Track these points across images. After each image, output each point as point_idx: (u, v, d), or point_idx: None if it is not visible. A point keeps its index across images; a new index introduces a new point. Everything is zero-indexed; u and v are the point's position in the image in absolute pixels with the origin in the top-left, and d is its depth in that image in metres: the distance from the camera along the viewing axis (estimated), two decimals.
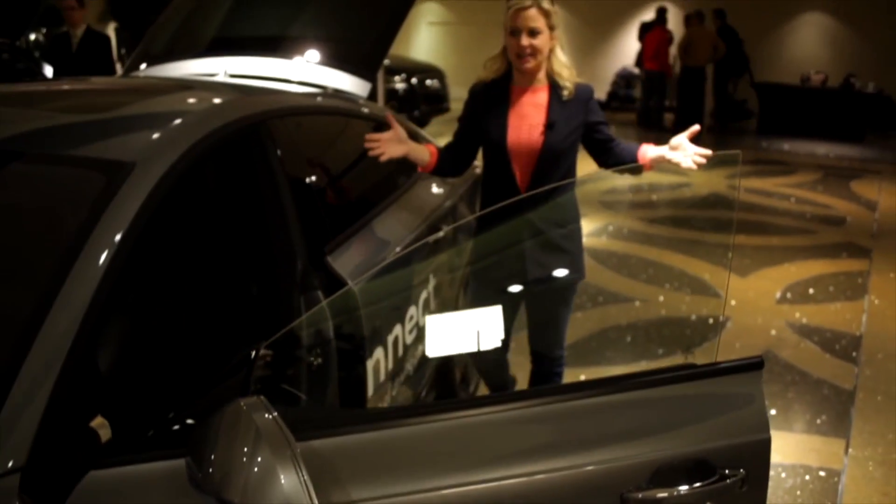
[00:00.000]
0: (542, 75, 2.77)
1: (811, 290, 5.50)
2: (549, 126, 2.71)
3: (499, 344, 2.04)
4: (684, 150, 2.50)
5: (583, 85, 2.80)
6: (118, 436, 1.47)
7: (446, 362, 2.96)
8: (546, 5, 2.69)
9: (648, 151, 2.67)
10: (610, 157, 2.79)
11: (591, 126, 2.79)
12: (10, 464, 1.23)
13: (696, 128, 2.52)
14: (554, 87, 2.75)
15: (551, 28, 2.72)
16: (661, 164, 2.65)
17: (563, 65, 2.76)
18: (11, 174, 1.91)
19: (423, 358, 2.67)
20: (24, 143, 1.93)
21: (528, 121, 2.74)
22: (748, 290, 5.43)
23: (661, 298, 5.23)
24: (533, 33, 2.66)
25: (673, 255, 6.09)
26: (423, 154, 2.72)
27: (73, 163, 1.83)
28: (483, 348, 1.79)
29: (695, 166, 2.46)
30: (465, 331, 1.75)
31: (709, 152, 2.45)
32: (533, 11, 2.66)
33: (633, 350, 4.45)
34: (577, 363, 4.19)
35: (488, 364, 2.99)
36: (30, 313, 1.44)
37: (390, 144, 2.51)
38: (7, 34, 9.76)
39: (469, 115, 2.85)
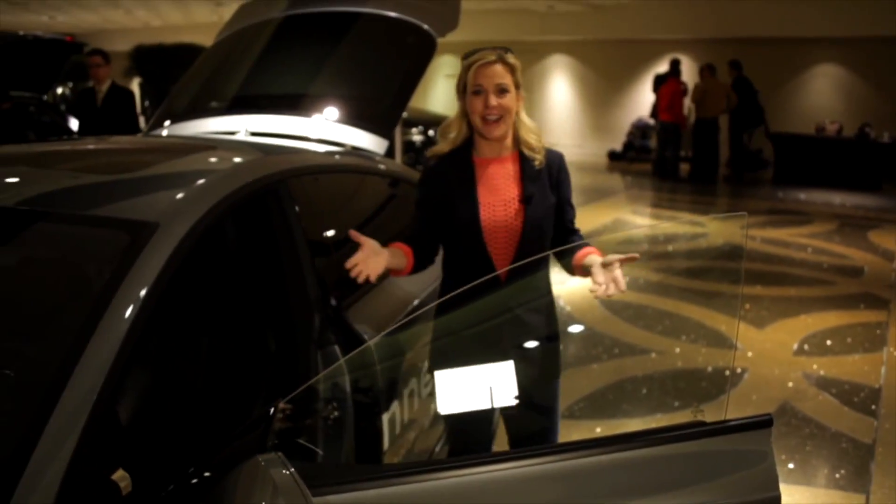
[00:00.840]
0: (509, 142, 2.42)
1: (829, 342, 5.48)
2: (526, 200, 2.38)
3: (514, 401, 1.99)
4: (610, 274, 2.09)
5: (552, 151, 2.48)
6: (139, 489, 1.50)
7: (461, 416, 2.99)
8: (512, 60, 2.36)
9: (586, 259, 2.29)
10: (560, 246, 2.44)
11: (559, 202, 2.45)
12: None
13: (635, 256, 2.13)
14: (522, 155, 2.42)
15: (517, 86, 2.38)
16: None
17: (531, 129, 2.44)
18: (39, 233, 1.98)
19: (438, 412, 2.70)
20: (51, 202, 2.00)
21: (500, 196, 2.39)
22: (765, 342, 5.41)
23: (677, 350, 5.23)
24: (501, 92, 2.32)
25: (689, 306, 6.09)
26: (400, 258, 2.32)
27: (99, 223, 1.90)
28: (496, 404, 1.78)
29: (611, 293, 2.06)
30: (476, 386, 1.74)
31: (623, 287, 2.07)
32: (499, 67, 2.33)
33: (649, 403, 4.44)
34: (593, 416, 4.19)
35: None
36: (57, 367, 1.50)
37: (369, 262, 2.11)
38: (35, 88, 10.01)
39: (429, 196, 2.44)
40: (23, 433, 1.39)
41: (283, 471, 1.18)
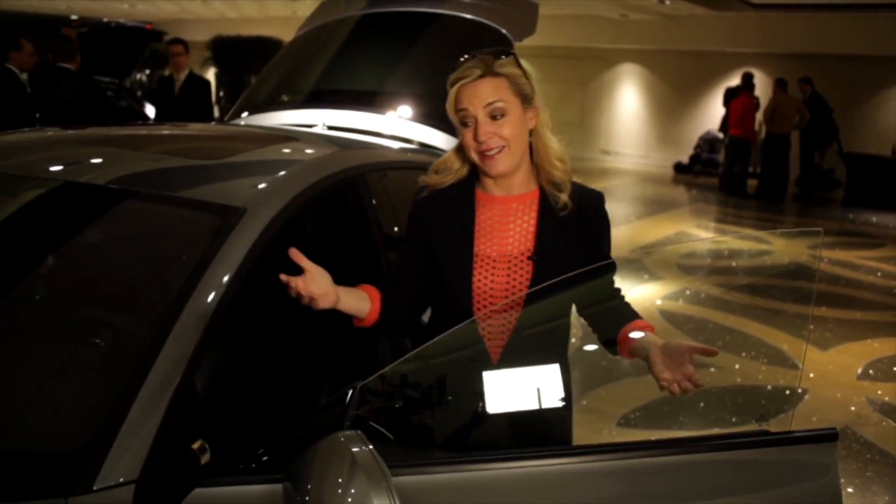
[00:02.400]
0: (523, 175, 1.85)
1: (895, 368, 5.36)
2: (539, 257, 1.81)
3: (560, 402, 1.71)
4: (680, 368, 1.51)
5: (587, 190, 1.89)
6: (217, 459, 1.58)
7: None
8: (507, 68, 1.78)
9: (637, 337, 1.74)
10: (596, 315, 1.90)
11: (589, 261, 1.79)
12: (127, 477, 1.35)
13: (713, 350, 1.55)
14: (543, 193, 1.85)
15: (525, 99, 1.80)
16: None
17: (554, 156, 1.84)
18: (129, 211, 2.07)
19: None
20: (141, 182, 2.09)
21: (505, 249, 1.82)
22: (828, 364, 5.32)
23: (737, 366, 5.17)
24: (495, 115, 1.75)
25: (751, 323, 6.02)
26: (361, 302, 1.81)
27: (189, 205, 1.98)
28: (544, 405, 1.62)
29: (677, 393, 1.51)
30: (524, 387, 1.62)
31: (700, 384, 1.51)
32: (488, 83, 1.75)
33: (707, 416, 4.41)
34: (649, 425, 4.18)
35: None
36: (148, 342, 1.58)
37: (311, 284, 1.67)
38: (115, 74, 10.33)
39: (418, 238, 1.91)
40: (115, 400, 1.47)
41: (363, 447, 1.24)
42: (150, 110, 9.51)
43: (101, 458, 1.36)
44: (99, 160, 2.27)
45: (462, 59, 1.79)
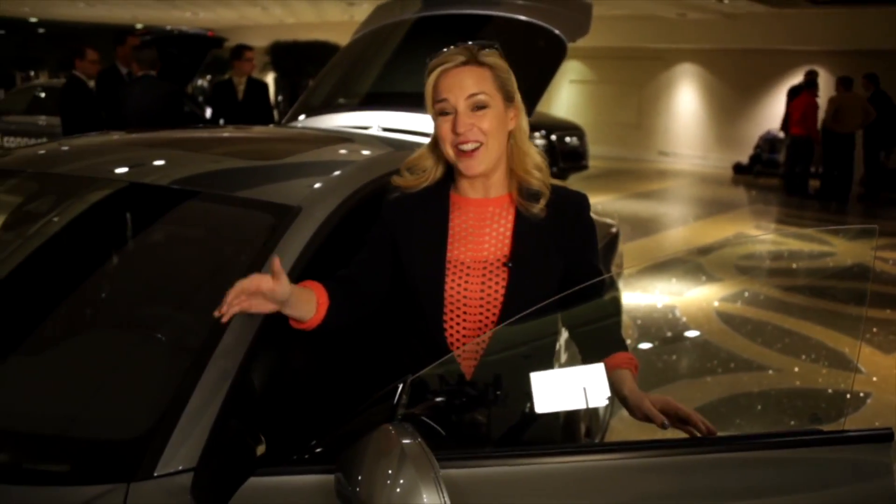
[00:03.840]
0: (500, 177, 1.74)
1: None
2: (515, 263, 1.70)
3: (605, 402, 1.59)
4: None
5: (568, 192, 1.78)
6: (272, 450, 1.63)
7: (573, 414, 3.02)
8: (490, 58, 1.68)
9: (617, 377, 1.63)
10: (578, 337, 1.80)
11: (571, 270, 1.73)
12: (186, 465, 1.41)
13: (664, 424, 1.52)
14: (522, 196, 1.74)
15: (507, 96, 1.70)
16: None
17: (532, 159, 1.74)
18: (190, 211, 2.14)
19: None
20: (202, 183, 2.16)
21: (479, 254, 1.72)
22: (893, 368, 5.19)
23: (796, 369, 5.08)
24: (477, 107, 1.65)
25: (811, 325, 5.90)
26: (305, 304, 1.63)
27: (246, 204, 2.04)
28: (591, 405, 1.53)
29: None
30: (570, 387, 1.53)
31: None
32: (472, 71, 1.66)
33: (763, 419, 4.34)
34: None
35: None
36: (206, 337, 1.63)
37: (254, 300, 1.48)
38: (178, 80, 10.58)
39: (384, 238, 1.79)
40: (175, 392, 1.52)
41: (412, 440, 1.26)
42: (210, 114, 9.72)
43: (161, 446, 1.42)
44: (162, 162, 2.36)
45: (444, 50, 1.69)
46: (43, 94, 10.78)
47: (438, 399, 1.63)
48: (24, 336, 1.91)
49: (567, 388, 1.57)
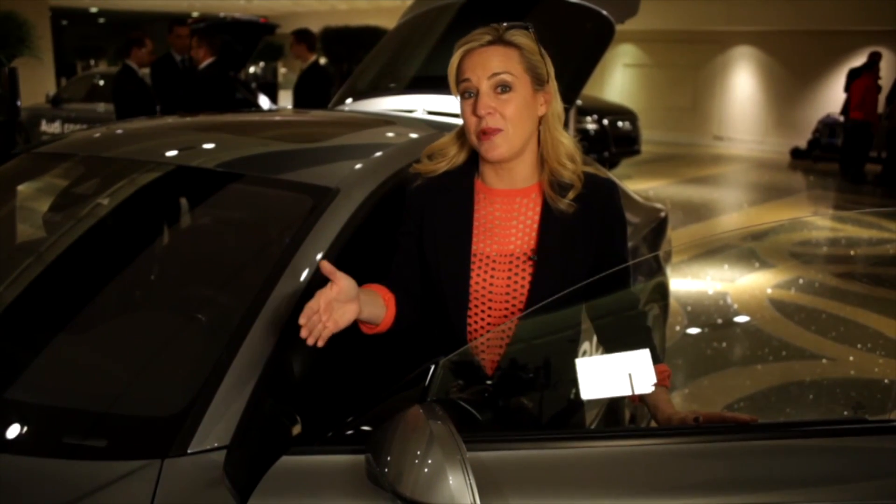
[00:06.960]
0: (527, 166, 1.67)
1: None
2: (541, 255, 1.64)
3: (651, 388, 1.55)
4: None
5: (597, 179, 1.69)
6: (306, 431, 1.64)
7: (617, 401, 2.99)
8: (520, 38, 1.60)
9: (654, 397, 1.61)
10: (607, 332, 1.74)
11: (599, 261, 1.67)
12: (220, 442, 1.43)
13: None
14: (552, 188, 1.66)
15: (536, 79, 1.62)
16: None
17: (564, 147, 1.65)
18: (233, 193, 2.17)
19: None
20: (245, 166, 2.19)
21: (504, 247, 1.66)
22: None
23: (851, 358, 4.95)
24: (501, 88, 1.57)
25: (868, 313, 5.74)
26: (376, 307, 1.61)
27: (286, 186, 2.06)
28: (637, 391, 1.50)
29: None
30: (615, 373, 1.48)
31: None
32: (498, 51, 1.58)
33: (816, 409, 4.24)
34: (754, 414, 4.06)
35: None
36: (242, 316, 1.65)
37: (335, 311, 1.43)
38: (232, 66, 10.71)
39: (412, 237, 1.75)
40: (211, 371, 1.54)
41: (440, 422, 1.26)
42: (264, 101, 9.82)
43: (196, 423, 1.44)
44: (210, 146, 2.39)
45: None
46: (101, 82, 11.00)
47: (483, 384, 1.62)
48: (70, 315, 1.95)
49: (611, 374, 1.53)
